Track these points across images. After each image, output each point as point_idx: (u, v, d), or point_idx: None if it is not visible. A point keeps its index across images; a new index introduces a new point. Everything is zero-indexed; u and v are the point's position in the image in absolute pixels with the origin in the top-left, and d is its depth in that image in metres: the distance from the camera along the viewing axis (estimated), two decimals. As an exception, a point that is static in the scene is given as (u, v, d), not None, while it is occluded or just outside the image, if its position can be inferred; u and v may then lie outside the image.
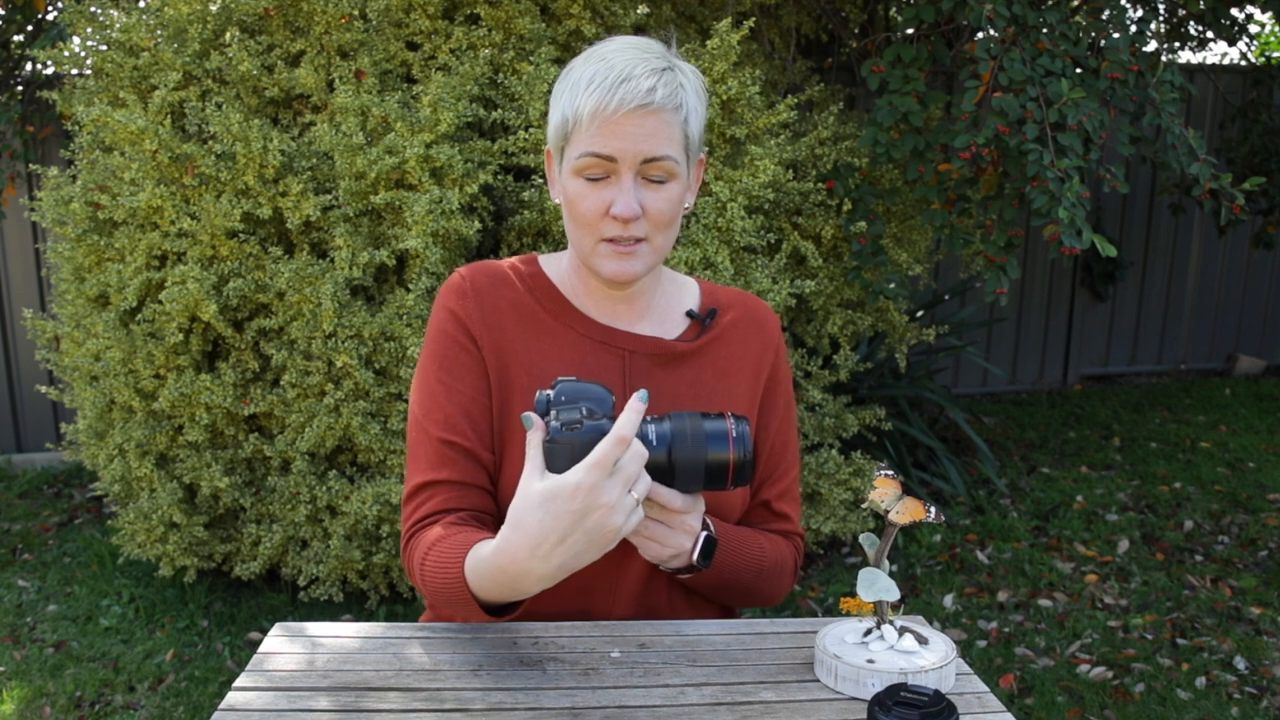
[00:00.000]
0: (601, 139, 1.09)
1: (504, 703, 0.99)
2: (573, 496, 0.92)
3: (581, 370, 1.21)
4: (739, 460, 1.04)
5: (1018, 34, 2.86)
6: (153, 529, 2.95)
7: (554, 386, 1.02)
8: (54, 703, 2.73)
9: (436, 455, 1.18)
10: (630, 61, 1.09)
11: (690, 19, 3.69)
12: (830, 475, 3.16)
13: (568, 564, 0.95)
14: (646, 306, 1.25)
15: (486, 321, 1.21)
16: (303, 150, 2.85)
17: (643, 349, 1.23)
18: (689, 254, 2.80)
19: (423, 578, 1.11)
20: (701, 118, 1.16)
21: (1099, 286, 5.82)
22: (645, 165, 1.11)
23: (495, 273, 1.25)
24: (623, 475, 0.93)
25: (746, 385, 1.27)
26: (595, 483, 0.92)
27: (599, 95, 1.08)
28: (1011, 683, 2.78)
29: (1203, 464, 4.45)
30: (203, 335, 2.88)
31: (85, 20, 3.06)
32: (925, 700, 0.92)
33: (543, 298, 1.24)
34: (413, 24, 3.02)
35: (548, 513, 0.93)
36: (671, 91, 1.10)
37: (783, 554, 1.29)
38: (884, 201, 3.21)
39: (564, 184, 1.15)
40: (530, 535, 0.94)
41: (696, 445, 1.03)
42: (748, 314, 1.31)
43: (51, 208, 3.01)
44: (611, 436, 0.92)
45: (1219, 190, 2.91)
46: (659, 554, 1.12)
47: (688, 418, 1.04)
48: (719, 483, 1.05)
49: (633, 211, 1.10)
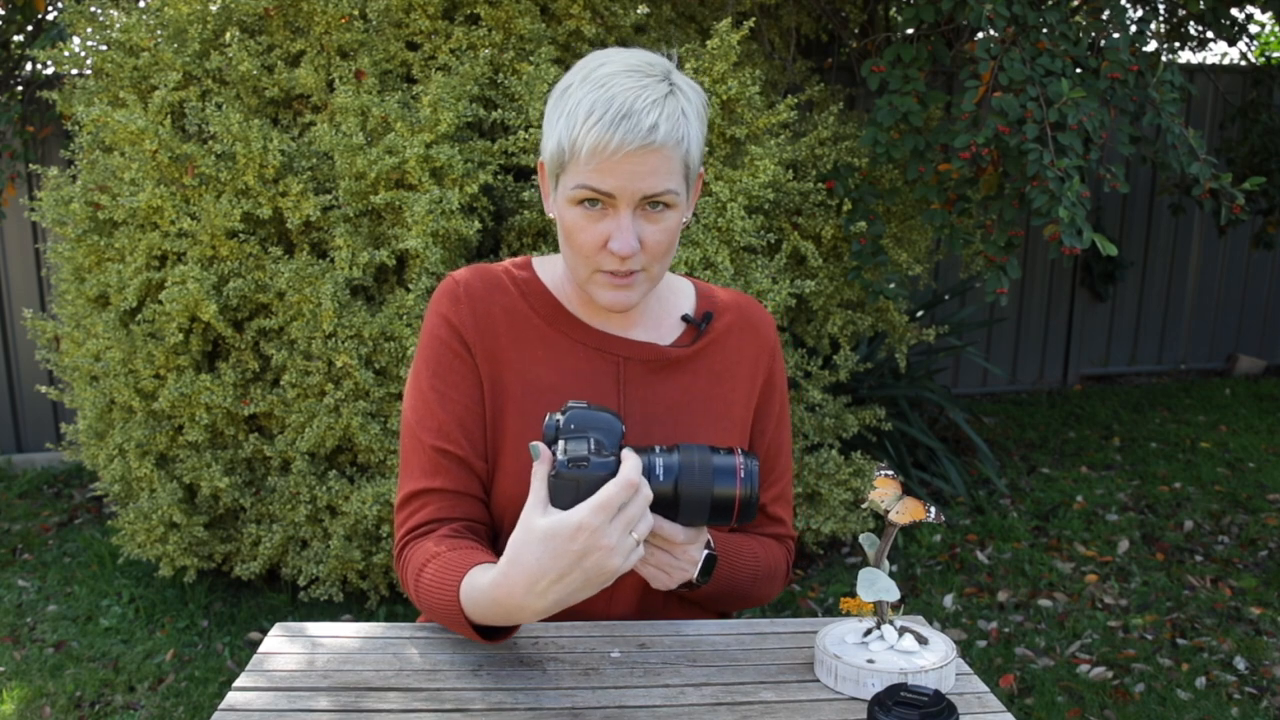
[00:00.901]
0: (599, 176, 1.06)
1: (504, 703, 0.99)
2: (574, 537, 0.92)
3: (575, 377, 1.20)
4: (745, 497, 1.03)
5: (1018, 34, 2.86)
6: (153, 529, 2.95)
7: (564, 412, 1.00)
8: (54, 703, 2.73)
9: (430, 463, 1.18)
10: (631, 91, 1.05)
11: (690, 19, 3.69)
12: (830, 475, 3.16)
13: (562, 601, 0.95)
14: (642, 312, 1.25)
15: (480, 327, 1.20)
16: (303, 150, 2.85)
17: (637, 355, 1.22)
18: (689, 254, 2.80)
19: (417, 592, 1.11)
20: (702, 137, 1.14)
21: (1099, 286, 5.82)
22: (644, 199, 1.09)
23: (489, 277, 1.23)
24: (625, 517, 0.93)
25: (742, 390, 1.27)
26: (598, 525, 0.91)
27: (599, 133, 1.04)
28: (1011, 683, 2.78)
29: (1203, 464, 4.45)
30: (203, 335, 2.88)
31: (85, 20, 3.06)
32: (925, 700, 0.92)
33: (537, 303, 1.22)
34: (413, 24, 3.02)
35: (547, 550, 0.92)
36: (673, 126, 1.07)
37: (775, 558, 1.29)
38: (884, 201, 3.21)
39: (560, 210, 1.13)
40: (528, 572, 0.94)
41: (704, 480, 1.02)
42: (743, 317, 1.30)
43: (51, 208, 3.01)
44: (619, 480, 0.93)
45: (1219, 190, 2.91)
46: (665, 583, 1.12)
47: (696, 451, 1.03)
48: (724, 518, 1.04)
49: (631, 249, 1.09)
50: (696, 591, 1.18)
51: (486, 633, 1.05)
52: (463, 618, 1.03)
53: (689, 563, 1.11)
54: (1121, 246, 5.78)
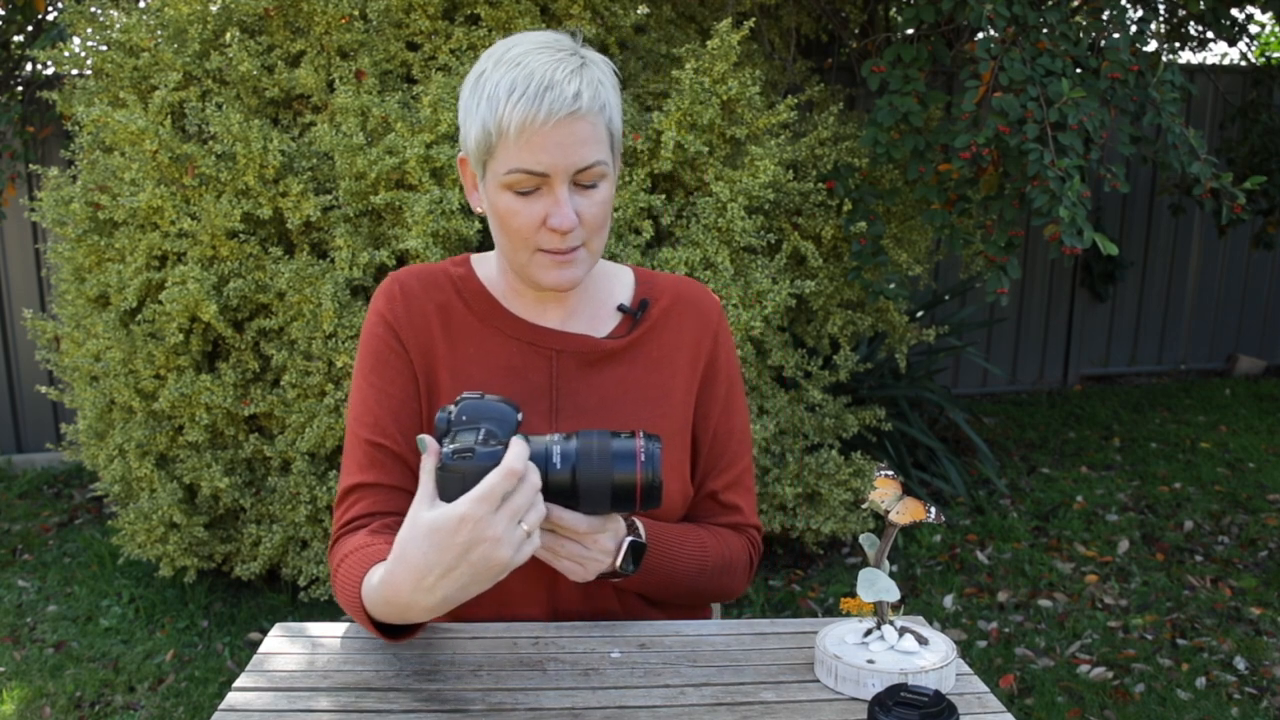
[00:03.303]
0: (531, 154, 1.06)
1: (504, 703, 0.99)
2: (457, 530, 0.89)
3: (508, 372, 1.19)
4: (647, 482, 0.98)
5: (1018, 34, 2.86)
6: (153, 529, 2.95)
7: (457, 404, 0.99)
8: (54, 703, 2.73)
9: (365, 457, 1.18)
10: (547, 65, 1.06)
11: (690, 19, 3.69)
12: (830, 475, 3.16)
13: (452, 597, 0.93)
14: (578, 303, 1.23)
15: (415, 325, 1.21)
16: (303, 150, 2.85)
17: (571, 348, 1.21)
18: (689, 254, 2.80)
19: (336, 590, 1.11)
20: (619, 108, 1.14)
21: (1099, 287, 5.82)
22: (578, 174, 1.09)
23: (426, 275, 1.24)
24: (510, 507, 0.90)
25: (682, 376, 1.24)
26: (481, 515, 0.89)
27: (525, 108, 1.04)
28: (1011, 683, 2.78)
29: (1203, 464, 4.45)
30: (203, 335, 2.88)
31: (85, 20, 3.06)
32: (925, 700, 0.92)
33: (471, 299, 1.23)
34: (413, 24, 3.02)
35: (432, 545, 0.90)
36: (594, 93, 1.08)
37: (733, 548, 1.26)
38: (884, 201, 3.21)
39: (490, 198, 1.13)
40: (414, 568, 0.92)
41: (602, 465, 0.98)
42: (683, 301, 1.27)
43: (51, 208, 3.01)
44: (501, 469, 0.90)
45: (1220, 190, 2.91)
46: (581, 575, 1.09)
47: (595, 436, 0.99)
48: (626, 504, 1.00)
49: (571, 223, 1.09)
50: (631, 582, 1.15)
51: (392, 631, 1.04)
52: (366, 617, 1.02)
53: (602, 552, 1.07)
54: (1121, 246, 5.78)
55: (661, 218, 2.92)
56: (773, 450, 3.16)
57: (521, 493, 0.91)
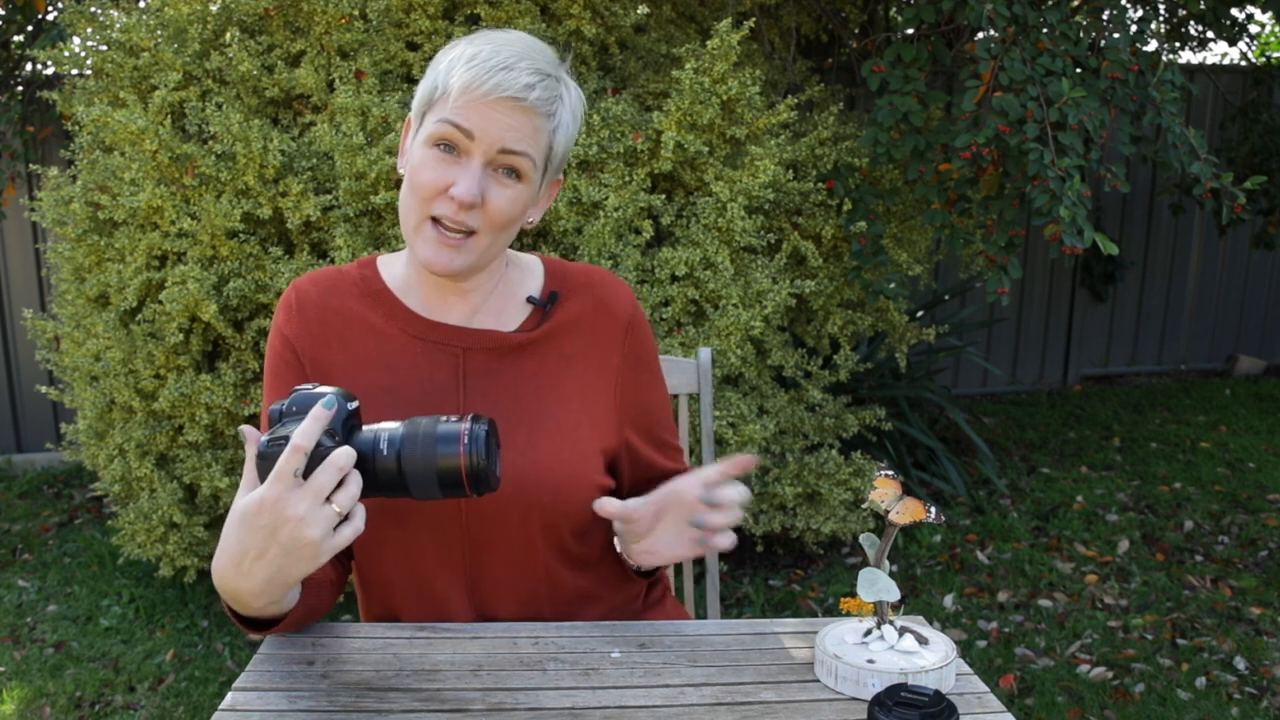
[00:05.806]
0: (464, 113, 1.06)
1: (504, 703, 0.99)
2: (259, 513, 0.92)
3: (413, 374, 1.18)
4: (471, 466, 0.97)
5: (1018, 34, 2.86)
6: (153, 529, 2.95)
7: (289, 395, 0.99)
8: (54, 703, 2.73)
9: None
10: (518, 55, 1.07)
11: (690, 19, 3.69)
12: (830, 475, 3.16)
13: (272, 579, 0.96)
14: (484, 298, 1.22)
15: (310, 334, 1.20)
16: (303, 150, 2.85)
17: (478, 344, 1.19)
18: (689, 254, 2.80)
19: None
20: (571, 138, 1.13)
21: (1099, 287, 5.82)
22: (500, 155, 1.08)
23: (325, 280, 1.23)
24: (312, 487, 0.92)
25: (595, 367, 1.23)
26: (278, 495, 0.91)
27: (475, 73, 1.05)
28: (1011, 683, 2.78)
29: (1203, 464, 4.45)
30: (203, 335, 2.88)
31: (85, 20, 3.06)
32: (925, 700, 0.92)
33: (373, 300, 1.21)
34: (413, 24, 3.02)
35: (244, 529, 0.94)
36: (549, 98, 1.08)
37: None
38: (884, 201, 3.21)
39: (413, 152, 1.12)
40: (231, 554, 0.96)
41: (426, 449, 0.97)
42: (594, 296, 1.25)
43: (51, 208, 3.01)
44: (288, 448, 0.91)
45: (1220, 189, 2.91)
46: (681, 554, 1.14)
47: (423, 422, 0.99)
48: (456, 490, 0.98)
49: (472, 196, 1.07)
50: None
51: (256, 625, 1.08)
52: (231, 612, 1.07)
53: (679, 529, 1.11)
54: (1121, 246, 5.78)
55: (661, 218, 2.92)
56: (773, 450, 3.16)
57: (325, 472, 0.92)
